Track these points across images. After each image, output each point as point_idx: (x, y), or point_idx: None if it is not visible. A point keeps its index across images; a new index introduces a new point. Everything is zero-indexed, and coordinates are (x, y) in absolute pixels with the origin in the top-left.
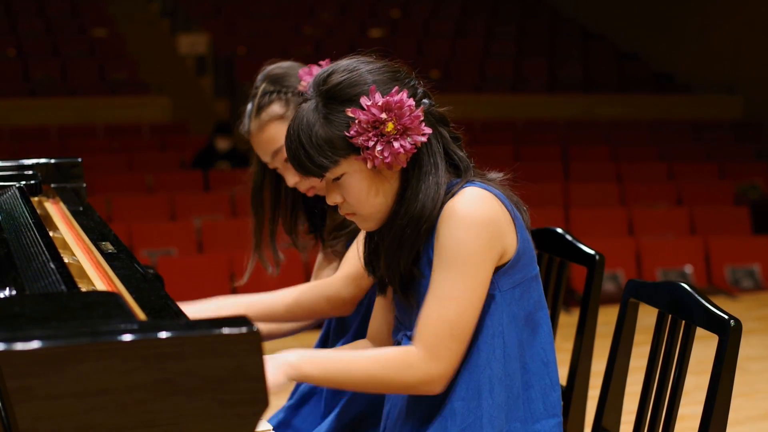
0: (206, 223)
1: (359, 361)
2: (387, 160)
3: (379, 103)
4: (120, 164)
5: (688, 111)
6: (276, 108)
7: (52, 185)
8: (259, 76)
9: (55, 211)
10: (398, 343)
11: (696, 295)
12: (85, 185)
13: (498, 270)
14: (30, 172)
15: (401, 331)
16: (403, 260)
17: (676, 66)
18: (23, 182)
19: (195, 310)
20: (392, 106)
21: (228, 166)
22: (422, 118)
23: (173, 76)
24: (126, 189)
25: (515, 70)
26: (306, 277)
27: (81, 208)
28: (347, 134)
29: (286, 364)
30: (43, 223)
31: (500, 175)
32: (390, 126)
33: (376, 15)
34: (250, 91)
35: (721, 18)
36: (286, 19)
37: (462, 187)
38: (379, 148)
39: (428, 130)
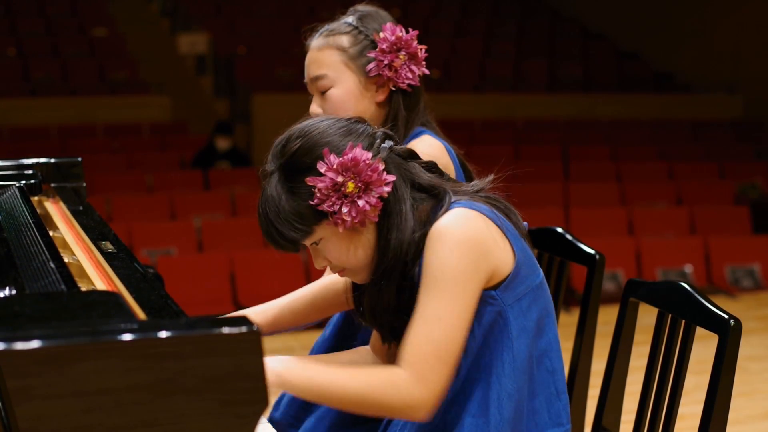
0: (206, 223)
1: (344, 378)
2: (356, 220)
3: (335, 166)
4: (120, 164)
5: (688, 110)
6: (344, 40)
7: (52, 185)
8: (353, 8)
9: (55, 210)
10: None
11: (696, 295)
12: (85, 185)
13: (499, 285)
14: (30, 172)
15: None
16: (387, 313)
17: (676, 65)
18: (23, 182)
19: None
20: (348, 165)
21: (228, 165)
22: (382, 168)
23: (173, 75)
24: (126, 188)
25: (515, 69)
26: (306, 276)
27: (81, 208)
28: (311, 203)
29: (273, 374)
30: (43, 223)
31: (485, 182)
32: (351, 186)
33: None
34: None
35: (721, 17)
36: (286, 19)
37: (447, 209)
38: (345, 210)
39: (391, 178)
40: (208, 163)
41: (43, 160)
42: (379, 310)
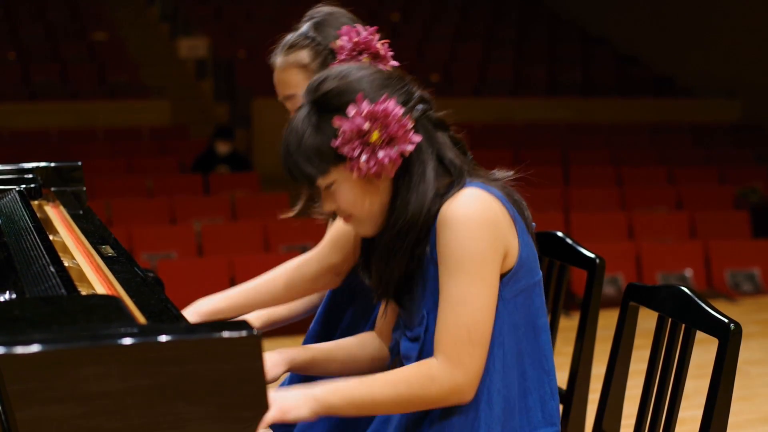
0: (206, 227)
1: (383, 386)
2: (373, 170)
3: (364, 113)
4: (120, 168)
5: (688, 115)
6: (303, 55)
7: (52, 189)
8: (309, 13)
9: (55, 214)
10: (397, 343)
11: (696, 299)
12: (85, 189)
13: (501, 278)
14: (30, 176)
15: (399, 329)
16: (396, 271)
17: (677, 70)
18: (23, 186)
19: (205, 305)
20: (378, 115)
21: (228, 169)
22: (410, 127)
23: (173, 79)
24: (126, 192)
25: (515, 73)
26: None
27: (81, 212)
28: (334, 143)
29: (311, 399)
30: (43, 227)
31: (507, 174)
32: (375, 135)
33: (376, 18)
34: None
35: (721, 22)
36: (286, 23)
37: (460, 189)
38: (364, 157)
39: (417, 138)
40: (208, 168)
41: (43, 164)
42: (386, 277)
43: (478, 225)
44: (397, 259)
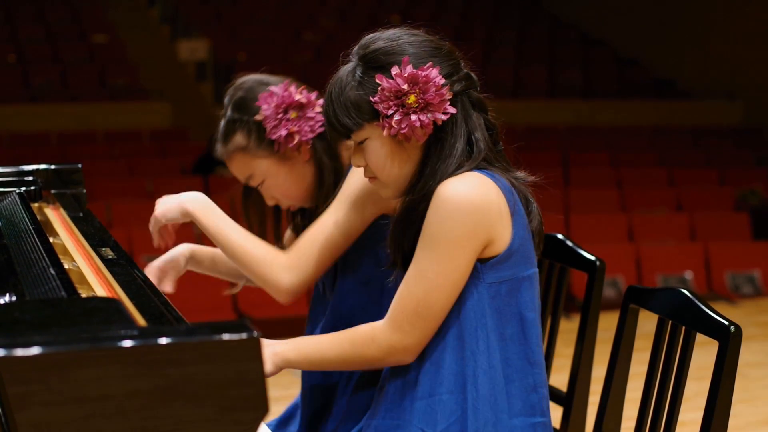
0: None
1: (331, 343)
2: (403, 131)
3: (406, 75)
4: (120, 170)
5: (688, 117)
6: (239, 139)
7: (53, 191)
8: (228, 94)
9: (56, 217)
10: None
11: (696, 301)
12: (85, 191)
13: (486, 262)
14: (30, 178)
15: None
16: (408, 236)
17: (677, 72)
18: (23, 188)
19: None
20: (418, 80)
21: (228, 171)
22: (447, 97)
23: (173, 82)
24: (126, 195)
25: (515, 76)
26: None
27: (81, 214)
28: (372, 99)
29: (272, 354)
30: (43, 229)
31: (525, 175)
32: (412, 98)
33: (376, 21)
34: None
35: (721, 24)
36: (286, 25)
37: (464, 171)
38: (397, 117)
39: (452, 110)
40: (207, 170)
41: (43, 166)
42: (400, 245)
43: (462, 208)
44: (414, 226)
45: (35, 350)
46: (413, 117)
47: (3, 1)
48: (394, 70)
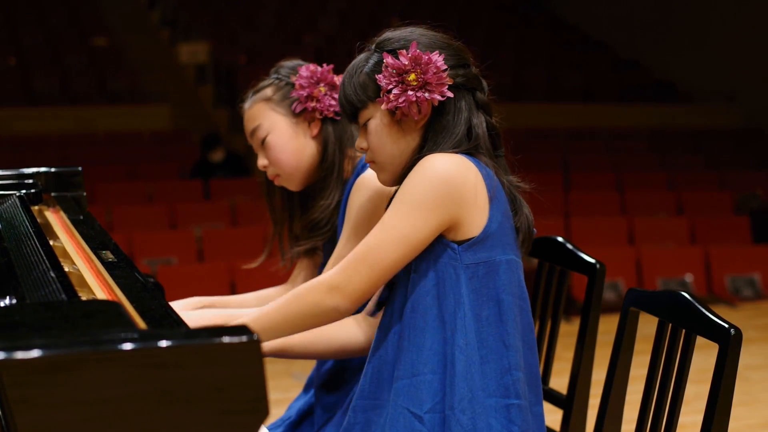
0: (206, 232)
1: (283, 303)
2: (401, 105)
3: (410, 56)
4: (120, 173)
5: (689, 120)
6: (267, 91)
7: (53, 194)
8: (274, 67)
9: (56, 220)
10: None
11: (696, 304)
12: (85, 194)
13: (463, 243)
14: (30, 181)
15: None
16: None
17: (677, 75)
18: (23, 191)
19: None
20: (421, 61)
21: (231, 174)
22: (447, 81)
23: (173, 85)
24: (126, 198)
25: (515, 78)
26: None
27: (81, 217)
28: (377, 77)
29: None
30: (44, 232)
31: (515, 179)
32: (412, 76)
33: (376, 24)
34: None
35: (721, 27)
36: (286, 29)
37: (453, 152)
38: (395, 92)
39: (449, 94)
40: (206, 174)
41: (43, 169)
42: None
43: (436, 176)
44: None
45: (35, 353)
46: (410, 93)
47: (4, 4)
48: (401, 52)
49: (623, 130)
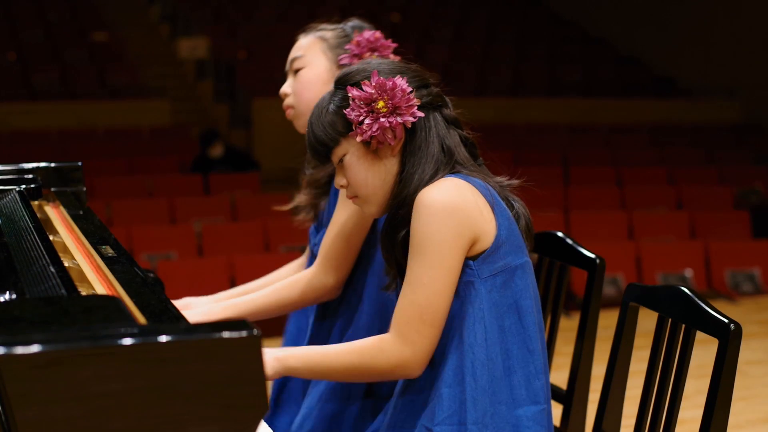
0: (206, 227)
1: (338, 353)
2: (375, 133)
3: (374, 84)
4: (120, 168)
5: (689, 115)
6: (327, 33)
7: (53, 189)
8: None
9: (56, 214)
10: None
11: (696, 299)
12: (85, 189)
13: (477, 257)
14: (30, 176)
15: None
16: (397, 245)
17: (677, 70)
18: (23, 186)
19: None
20: (386, 88)
21: (233, 170)
22: (415, 103)
23: (173, 80)
24: (126, 193)
25: (515, 74)
26: None
27: (81, 212)
28: (345, 111)
29: (272, 359)
30: (43, 227)
31: (503, 179)
32: (380, 103)
33: (376, 19)
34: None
35: (721, 22)
36: (286, 24)
37: (442, 178)
38: (367, 122)
39: (420, 114)
40: (206, 169)
41: (43, 164)
42: (390, 253)
43: (443, 211)
44: (398, 235)
45: (35, 348)
46: (382, 119)
47: (3, 0)
48: (365, 83)
49: (623, 125)
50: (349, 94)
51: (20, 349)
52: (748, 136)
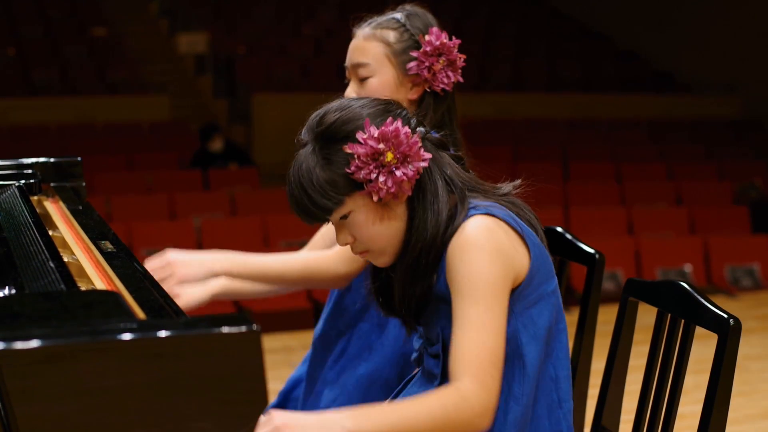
0: (206, 222)
1: (418, 409)
2: (392, 190)
3: (375, 135)
4: (119, 163)
5: (688, 110)
6: (390, 35)
7: (52, 184)
8: (401, 6)
9: (55, 210)
10: (420, 354)
11: (695, 294)
12: (84, 184)
13: (512, 293)
14: (29, 171)
15: (421, 342)
16: (419, 290)
17: (676, 65)
18: (23, 181)
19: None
20: (389, 136)
21: (232, 164)
22: (420, 144)
23: (173, 75)
24: (125, 188)
25: (514, 69)
26: None
27: (80, 207)
28: (348, 171)
29: (337, 426)
30: (43, 222)
31: (510, 186)
32: (389, 155)
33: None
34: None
35: (720, 17)
36: (285, 19)
37: (467, 217)
38: (382, 179)
39: (428, 155)
40: (205, 164)
41: (42, 159)
42: (408, 299)
43: (489, 253)
44: (420, 280)
45: (34, 343)
46: (398, 173)
47: None
48: (360, 135)
49: (622, 120)
50: (350, 152)
51: (19, 345)
52: (748, 131)
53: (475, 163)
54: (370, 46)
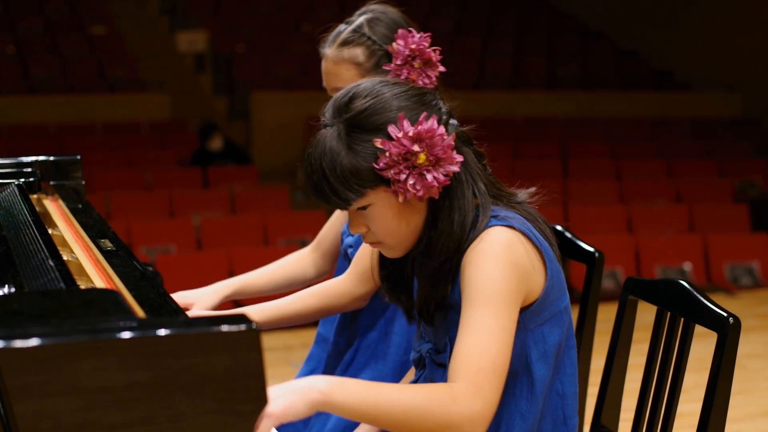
0: (205, 221)
1: (398, 395)
2: (420, 193)
3: (410, 134)
4: (119, 162)
5: (688, 108)
6: (358, 53)
7: (51, 183)
8: (365, 7)
9: (54, 208)
10: (420, 356)
11: (695, 293)
12: (84, 183)
13: (525, 310)
14: (29, 170)
15: (425, 345)
16: (440, 294)
17: (676, 63)
18: (22, 180)
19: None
20: (423, 136)
21: (231, 163)
22: (451, 144)
23: (172, 73)
24: (125, 186)
25: (514, 67)
26: None
27: (80, 206)
28: (375, 166)
29: (313, 391)
30: (42, 221)
31: (526, 195)
32: (422, 158)
33: None
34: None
35: (720, 15)
36: (284, 17)
37: (488, 226)
38: (411, 181)
39: (459, 158)
40: (205, 162)
41: (42, 158)
42: (429, 300)
43: (505, 264)
44: (444, 282)
45: (34, 342)
46: (429, 177)
47: None
48: (393, 131)
49: (622, 118)
50: (381, 147)
51: (19, 343)
52: (747, 129)
53: None
54: (342, 70)
